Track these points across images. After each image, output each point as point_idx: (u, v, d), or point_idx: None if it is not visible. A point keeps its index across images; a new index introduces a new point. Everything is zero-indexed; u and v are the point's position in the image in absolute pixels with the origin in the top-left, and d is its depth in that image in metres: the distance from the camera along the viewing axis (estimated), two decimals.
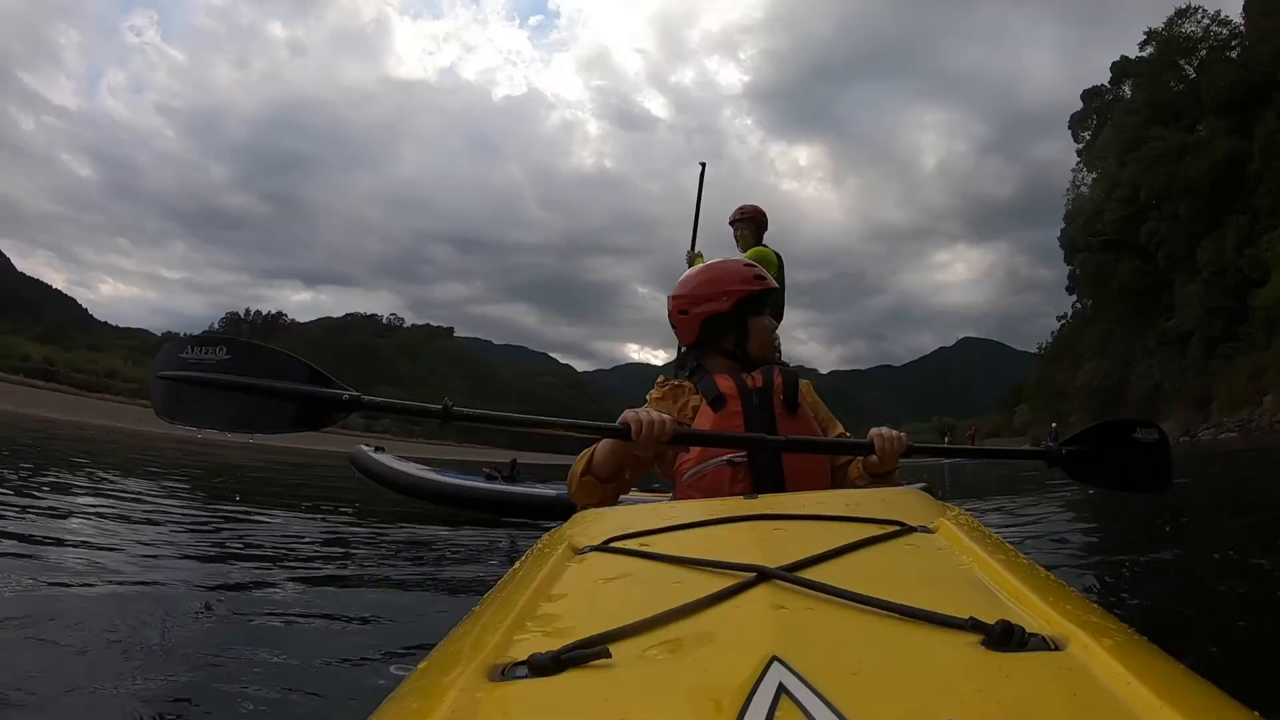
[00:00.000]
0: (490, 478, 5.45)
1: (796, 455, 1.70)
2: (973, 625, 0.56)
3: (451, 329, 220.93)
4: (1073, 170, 56.45)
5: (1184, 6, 44.92)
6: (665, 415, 1.54)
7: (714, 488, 1.67)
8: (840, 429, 1.94)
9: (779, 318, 2.15)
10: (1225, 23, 43.41)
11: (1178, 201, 40.59)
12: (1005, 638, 0.54)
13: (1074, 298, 58.75)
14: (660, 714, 0.48)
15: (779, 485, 1.67)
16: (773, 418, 1.75)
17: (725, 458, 1.69)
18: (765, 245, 4.88)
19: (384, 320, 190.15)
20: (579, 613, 0.74)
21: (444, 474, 5.54)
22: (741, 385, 1.78)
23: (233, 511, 5.19)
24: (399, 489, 5.55)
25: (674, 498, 1.76)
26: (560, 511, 4.44)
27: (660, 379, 1.97)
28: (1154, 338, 44.24)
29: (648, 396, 1.90)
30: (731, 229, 4.99)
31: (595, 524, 1.06)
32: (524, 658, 0.56)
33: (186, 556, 3.42)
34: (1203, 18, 44.08)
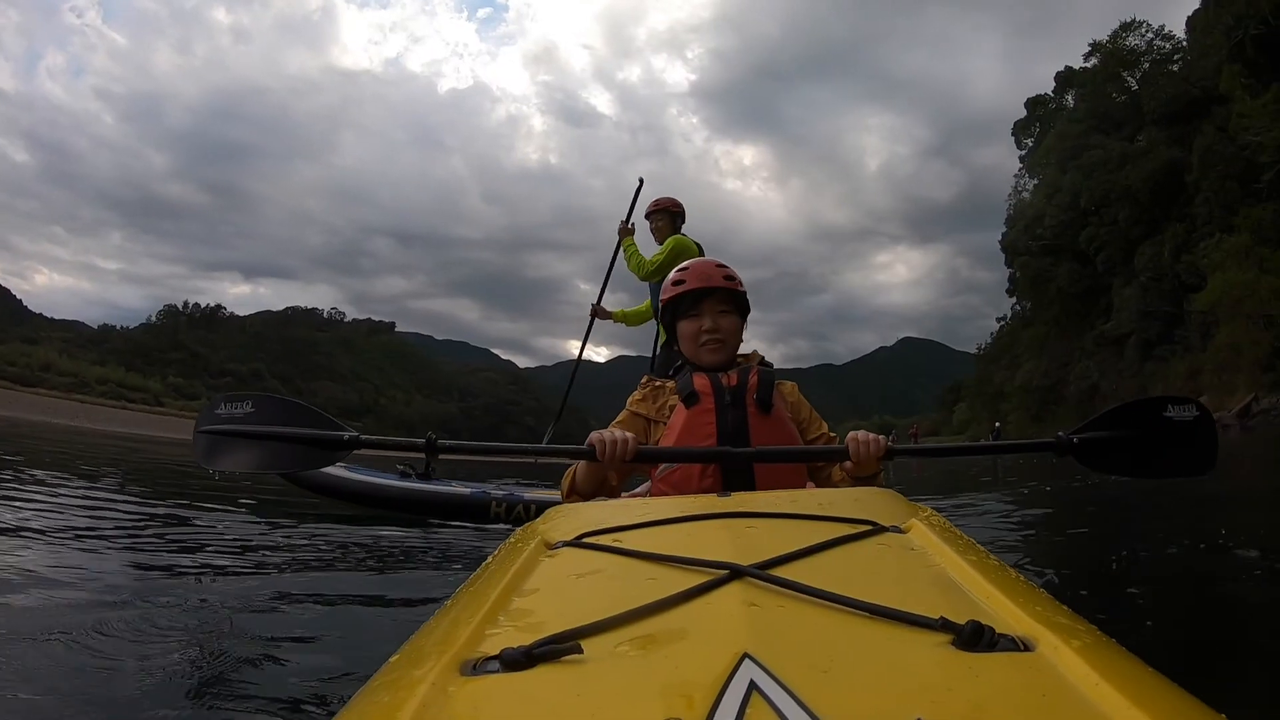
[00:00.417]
0: (404, 475, 5.07)
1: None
2: (943, 625, 0.57)
3: (393, 324, 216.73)
4: (1015, 176, 58.12)
5: (1129, 20, 46.62)
6: (628, 435, 1.62)
7: (684, 481, 1.74)
8: (824, 429, 1.96)
9: (746, 317, 2.24)
10: (1168, 37, 45.17)
11: (1117, 208, 41.94)
12: (975, 638, 0.54)
13: (1014, 300, 60.52)
14: (632, 710, 0.48)
15: (749, 480, 1.72)
16: (745, 416, 1.79)
17: None
18: (684, 235, 4.82)
19: (324, 314, 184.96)
20: (551, 608, 0.74)
21: (356, 471, 5.08)
22: (716, 383, 1.83)
23: (172, 510, 4.95)
24: (308, 487, 5.07)
25: (649, 493, 1.83)
26: (474, 512, 4.18)
27: (644, 379, 2.05)
28: (1092, 339, 45.71)
29: (629, 399, 1.99)
30: (648, 222, 4.95)
31: (568, 519, 1.07)
32: (496, 652, 0.56)
33: (126, 560, 3.15)
34: (1146, 31, 45.79)
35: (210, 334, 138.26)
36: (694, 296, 1.96)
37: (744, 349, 2.06)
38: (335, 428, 1.72)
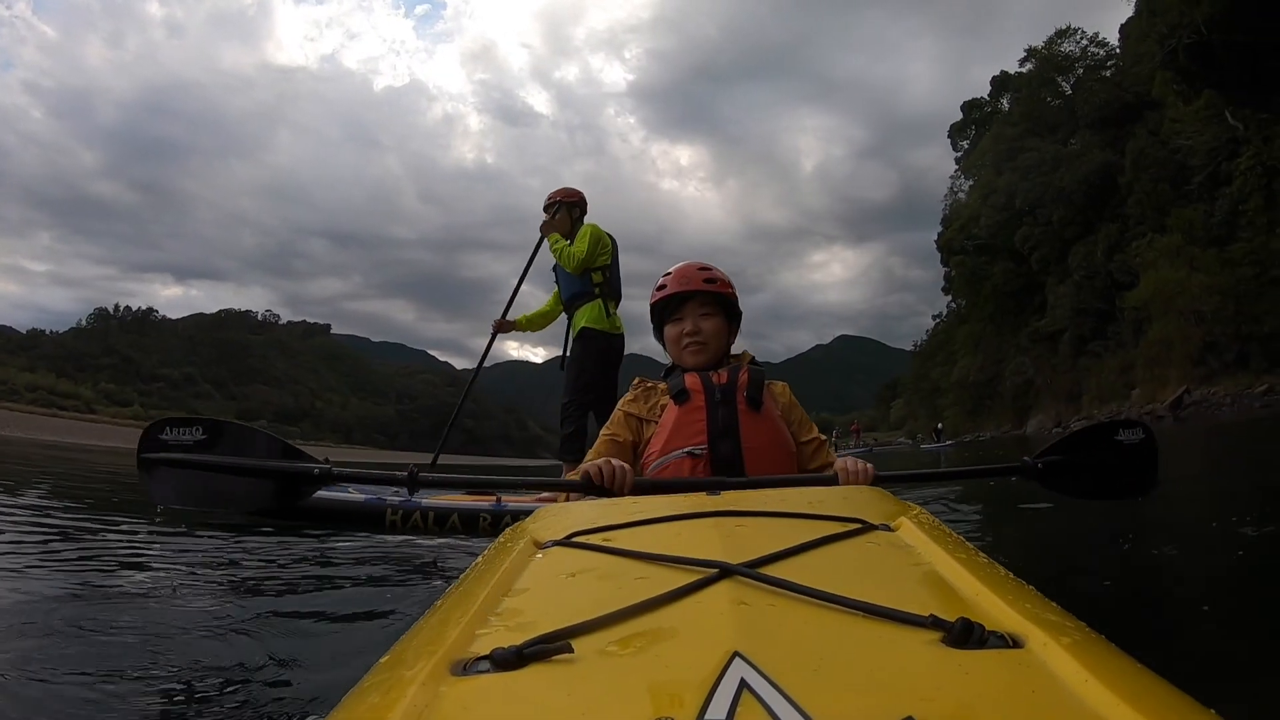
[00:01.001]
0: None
1: (759, 448, 1.79)
2: (933, 623, 0.57)
3: (328, 326, 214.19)
4: (951, 177, 59.67)
5: (1064, 27, 48.34)
6: (625, 466, 1.63)
7: (675, 476, 1.77)
8: (814, 433, 1.99)
9: (735, 319, 2.18)
10: (1102, 44, 47.00)
11: (1051, 209, 43.27)
12: (965, 635, 0.55)
13: (949, 298, 62.16)
14: (623, 709, 0.48)
15: (739, 473, 1.74)
16: (735, 413, 1.81)
17: (686, 449, 1.79)
18: (594, 225, 4.72)
19: (258, 317, 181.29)
20: (541, 607, 0.73)
21: None
22: (706, 381, 1.86)
23: (107, 523, 4.48)
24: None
25: None
26: (367, 520, 3.84)
27: (635, 380, 2.05)
28: (1026, 336, 47.14)
29: (621, 399, 2.03)
30: (545, 215, 4.85)
31: (558, 519, 1.06)
32: (486, 652, 0.56)
33: (58, 580, 2.74)
34: (1081, 38, 47.54)
35: (142, 338, 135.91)
36: (676, 300, 1.99)
37: (736, 349, 2.10)
38: (302, 458, 1.63)
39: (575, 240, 4.71)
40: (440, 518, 3.74)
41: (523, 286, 5.28)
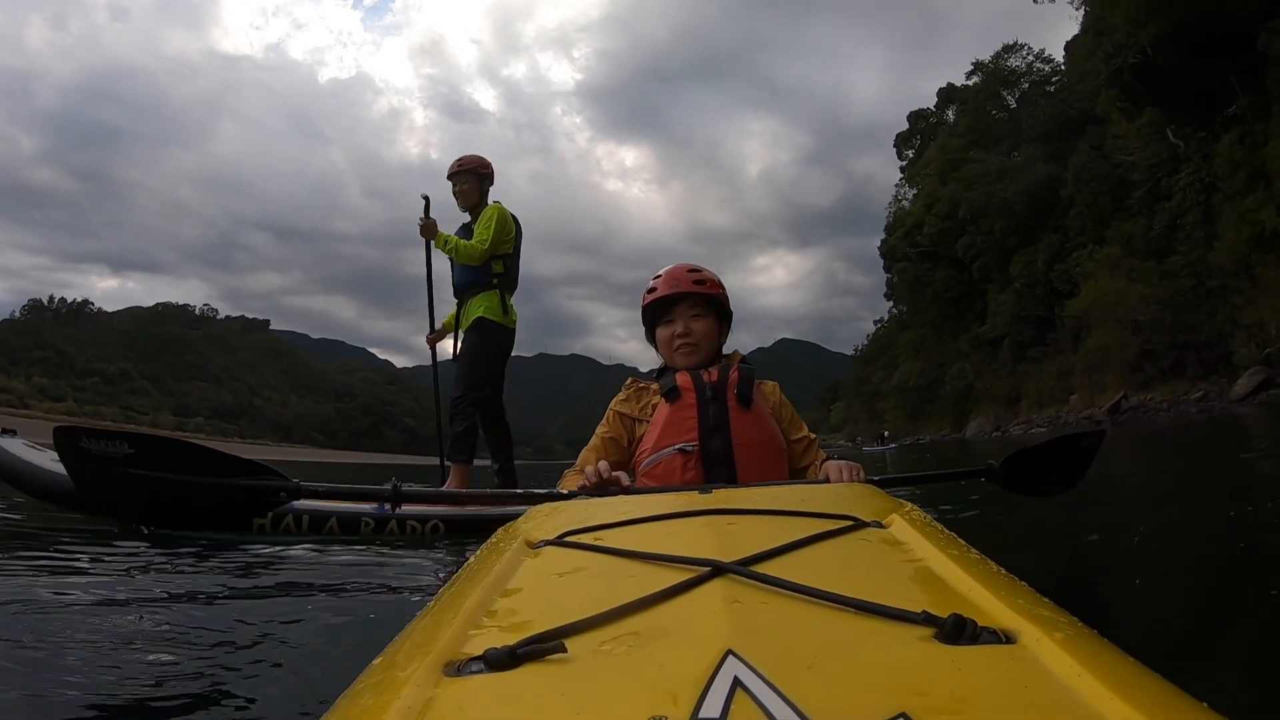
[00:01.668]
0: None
1: (749, 445, 1.82)
2: (925, 619, 0.57)
3: (267, 321, 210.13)
4: (896, 185, 61.09)
5: (1011, 43, 49.94)
6: (619, 475, 1.64)
7: (666, 474, 1.81)
8: (805, 432, 2.03)
9: (726, 319, 2.12)
10: (1048, 60, 48.79)
11: (994, 219, 44.55)
12: (958, 631, 0.55)
13: (891, 303, 63.55)
14: (617, 707, 0.48)
15: (730, 472, 1.78)
16: (725, 410, 1.84)
17: (677, 446, 1.81)
18: (499, 204, 4.48)
19: (196, 311, 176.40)
20: (534, 607, 0.74)
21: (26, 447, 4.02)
22: (697, 379, 1.89)
23: (43, 526, 3.71)
24: (28, 489, 3.77)
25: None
26: (233, 524, 3.26)
27: (628, 380, 2.08)
28: (967, 342, 48.46)
29: (614, 399, 2.04)
30: (450, 184, 4.54)
31: (550, 518, 1.07)
32: (479, 653, 0.56)
33: None
34: (1028, 54, 49.20)
35: (77, 331, 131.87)
36: (667, 303, 2.02)
37: (727, 349, 2.13)
38: (264, 474, 1.51)
39: (478, 223, 4.38)
40: (317, 521, 3.38)
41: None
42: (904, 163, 60.45)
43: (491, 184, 4.61)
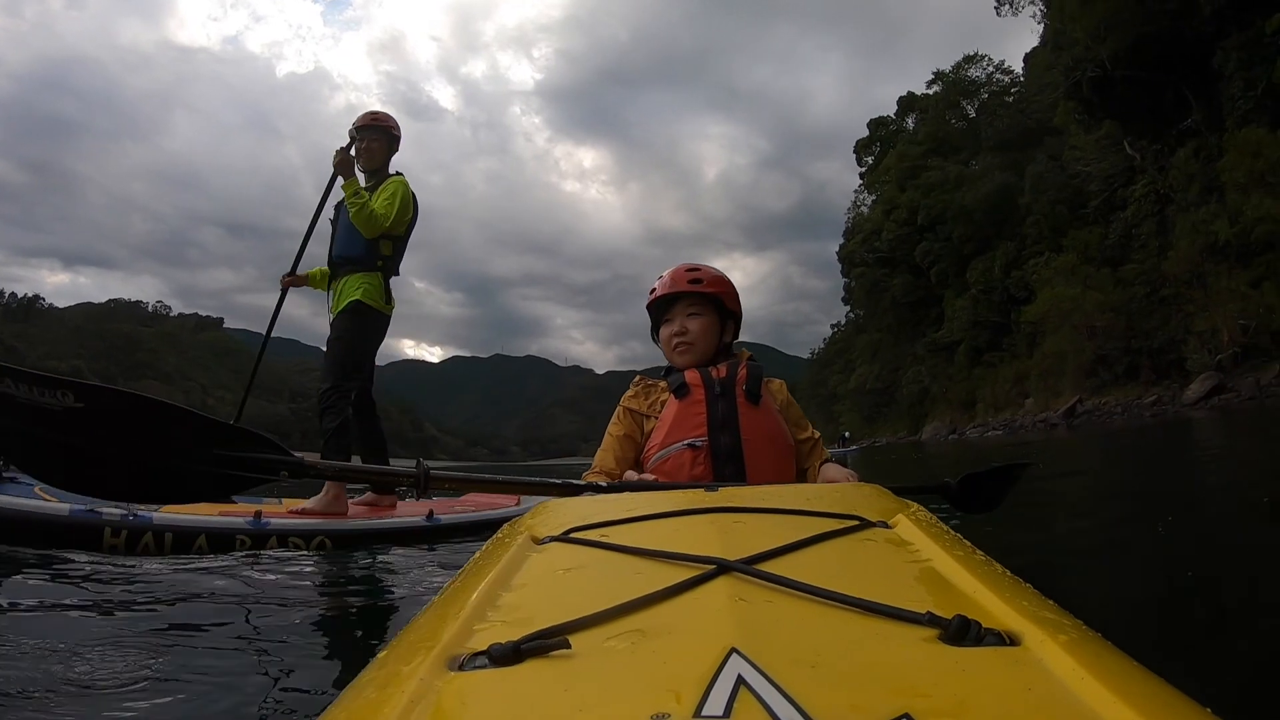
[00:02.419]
0: None
1: (757, 441, 1.83)
2: (930, 620, 0.57)
3: (221, 319, 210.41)
4: (855, 192, 61.91)
5: (971, 53, 51.04)
6: (645, 478, 1.76)
7: (675, 470, 1.82)
8: (810, 432, 2.05)
9: (730, 317, 2.13)
10: (1007, 71, 50.00)
11: (952, 226, 45.53)
12: (962, 632, 0.55)
13: (848, 308, 64.41)
14: (620, 704, 0.48)
15: (739, 468, 1.80)
16: (734, 406, 1.86)
17: (686, 441, 1.83)
18: (400, 175, 4.12)
19: (149, 308, 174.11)
20: (539, 603, 0.74)
21: None
22: (706, 376, 1.92)
23: None
24: None
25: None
26: (78, 537, 2.97)
27: (636, 378, 2.10)
28: (923, 346, 49.39)
29: (623, 396, 2.06)
30: (357, 140, 4.05)
31: (556, 514, 1.07)
32: (484, 648, 0.57)
33: None
34: (987, 65, 50.35)
35: (28, 327, 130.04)
36: (666, 302, 2.05)
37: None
38: (252, 445, 1.33)
39: (377, 193, 3.98)
40: (183, 539, 3.07)
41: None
42: (863, 169, 61.26)
43: (397, 151, 4.22)
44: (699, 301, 2.04)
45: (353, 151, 4.00)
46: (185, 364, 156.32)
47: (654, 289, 2.08)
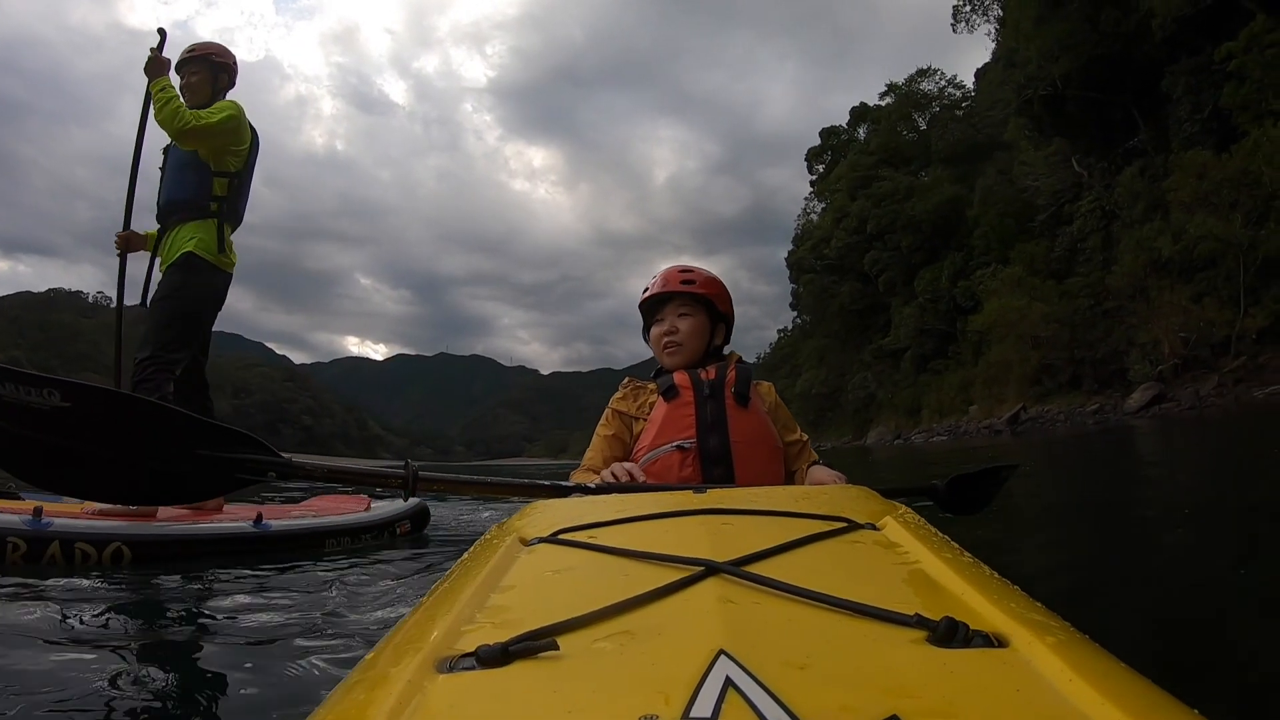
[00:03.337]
0: None
1: (746, 443, 1.82)
2: (918, 621, 0.57)
3: None
4: (805, 199, 62.67)
5: (924, 67, 52.35)
6: (631, 468, 1.73)
7: (664, 472, 1.81)
8: (798, 434, 2.07)
9: (721, 319, 2.11)
10: (959, 86, 51.39)
11: (901, 235, 46.42)
12: (950, 634, 0.55)
13: (795, 314, 65.16)
14: (608, 706, 0.48)
15: (728, 469, 1.80)
16: (723, 408, 1.86)
17: (675, 443, 1.83)
18: (236, 103, 3.54)
19: (90, 299, 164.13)
20: (527, 604, 0.74)
21: None
22: (695, 378, 1.92)
23: None
24: None
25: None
26: None
27: (625, 380, 2.11)
28: (870, 352, 50.20)
29: (612, 399, 2.06)
30: (178, 77, 3.51)
31: (545, 515, 1.08)
32: (472, 649, 0.57)
33: None
34: (940, 79, 51.63)
35: None
36: (656, 302, 2.07)
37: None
38: (238, 445, 1.31)
39: (215, 105, 3.48)
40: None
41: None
42: (814, 177, 62.07)
43: (231, 85, 3.66)
44: (690, 302, 2.04)
45: (179, 83, 3.46)
46: (126, 358, 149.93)
47: (646, 289, 2.08)
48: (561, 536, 0.93)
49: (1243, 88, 23.10)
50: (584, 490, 1.61)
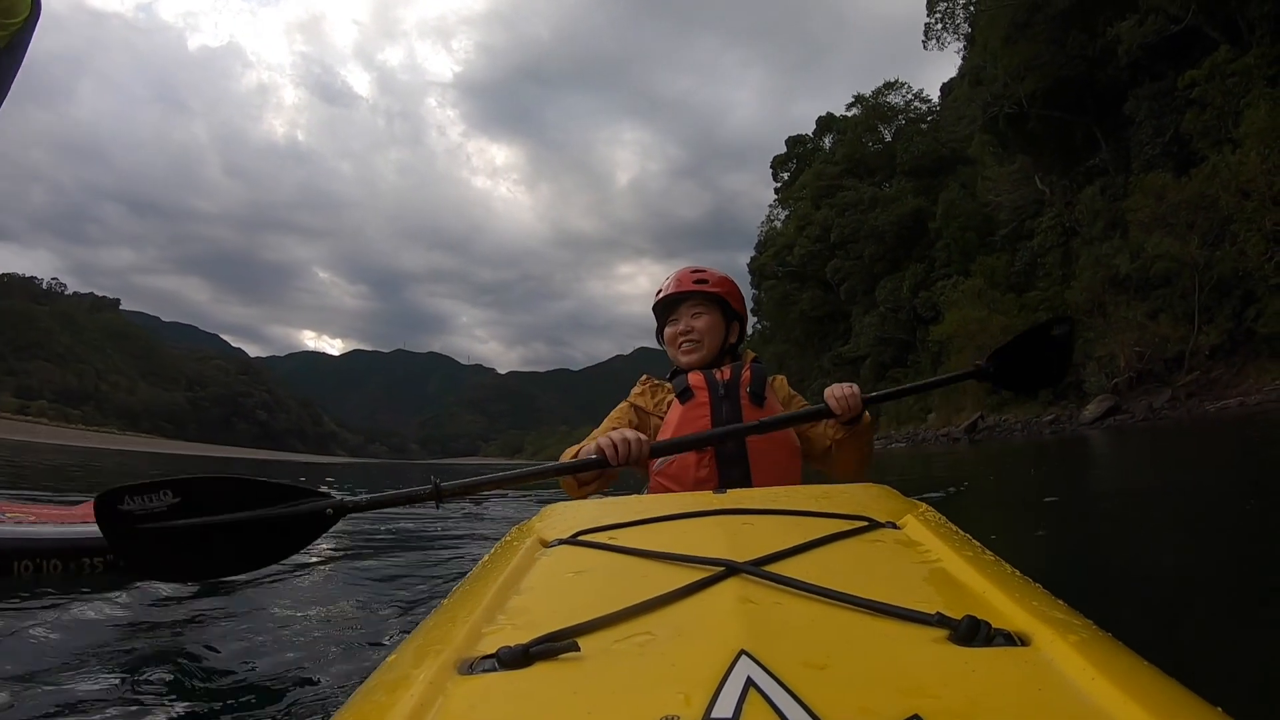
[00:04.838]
0: None
1: (762, 441, 1.79)
2: (939, 620, 0.57)
3: (118, 300, 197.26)
4: (770, 206, 63.12)
5: (892, 80, 53.17)
6: (641, 436, 1.69)
7: (680, 473, 1.80)
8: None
9: (735, 318, 2.12)
10: (925, 99, 52.30)
11: (864, 245, 47.11)
12: (971, 633, 0.55)
13: (756, 319, 65.53)
14: (629, 707, 0.48)
15: (744, 471, 1.78)
16: (739, 409, 1.85)
17: None
18: None
19: (43, 285, 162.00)
20: (548, 606, 0.74)
21: None
22: (710, 378, 1.91)
23: None
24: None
25: (648, 487, 1.86)
26: None
27: (644, 377, 2.12)
28: (829, 359, 50.77)
29: (631, 391, 2.08)
30: None
31: (564, 517, 1.09)
32: (493, 651, 0.57)
33: None
34: (907, 92, 52.56)
35: None
36: (672, 302, 2.06)
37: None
38: (305, 497, 1.44)
39: None
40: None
41: None
42: (779, 184, 62.59)
43: None
44: (704, 301, 2.04)
45: None
46: (79, 345, 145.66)
47: (659, 290, 2.08)
48: (581, 538, 0.93)
49: (1204, 114, 24.00)
50: (584, 466, 1.63)
